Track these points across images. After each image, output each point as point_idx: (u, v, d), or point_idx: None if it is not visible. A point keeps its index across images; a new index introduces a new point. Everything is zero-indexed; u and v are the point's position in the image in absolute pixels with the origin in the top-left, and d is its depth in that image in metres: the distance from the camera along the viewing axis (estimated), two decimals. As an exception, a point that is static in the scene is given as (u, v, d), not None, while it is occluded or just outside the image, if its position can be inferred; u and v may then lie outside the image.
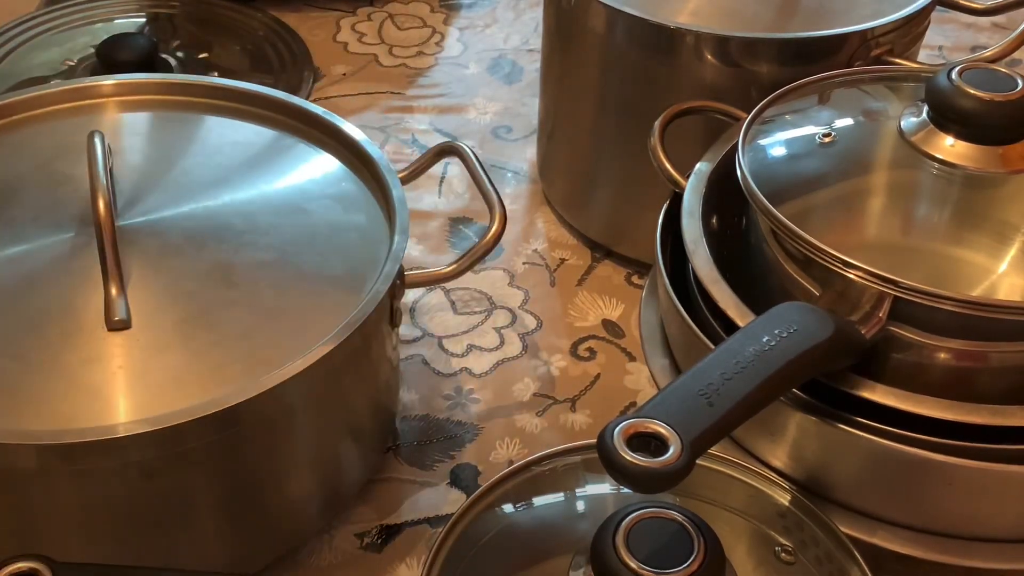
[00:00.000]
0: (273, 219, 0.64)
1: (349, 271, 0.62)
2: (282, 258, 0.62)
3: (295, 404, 0.57)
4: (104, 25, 1.06)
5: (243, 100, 0.72)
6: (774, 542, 0.53)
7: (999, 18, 1.11)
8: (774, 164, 0.61)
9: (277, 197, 0.66)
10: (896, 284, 0.52)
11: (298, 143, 0.70)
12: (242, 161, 0.69)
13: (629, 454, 0.43)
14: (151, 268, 0.60)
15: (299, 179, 0.68)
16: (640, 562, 0.44)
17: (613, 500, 0.54)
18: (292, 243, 0.63)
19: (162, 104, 0.72)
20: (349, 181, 0.68)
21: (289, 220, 0.64)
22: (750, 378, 0.48)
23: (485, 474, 0.69)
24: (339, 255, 0.63)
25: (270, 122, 0.71)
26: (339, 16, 1.11)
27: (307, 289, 0.61)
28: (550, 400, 0.74)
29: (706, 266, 0.59)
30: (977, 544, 0.55)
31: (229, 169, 0.68)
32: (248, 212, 0.64)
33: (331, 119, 0.70)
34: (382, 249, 0.62)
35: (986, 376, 0.55)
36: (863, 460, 0.54)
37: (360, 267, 0.62)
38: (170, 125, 0.72)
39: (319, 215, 0.65)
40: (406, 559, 0.64)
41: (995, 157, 0.57)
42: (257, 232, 0.63)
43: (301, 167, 0.69)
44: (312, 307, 0.59)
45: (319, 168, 0.69)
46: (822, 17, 0.74)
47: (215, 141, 0.71)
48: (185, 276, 0.60)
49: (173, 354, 0.56)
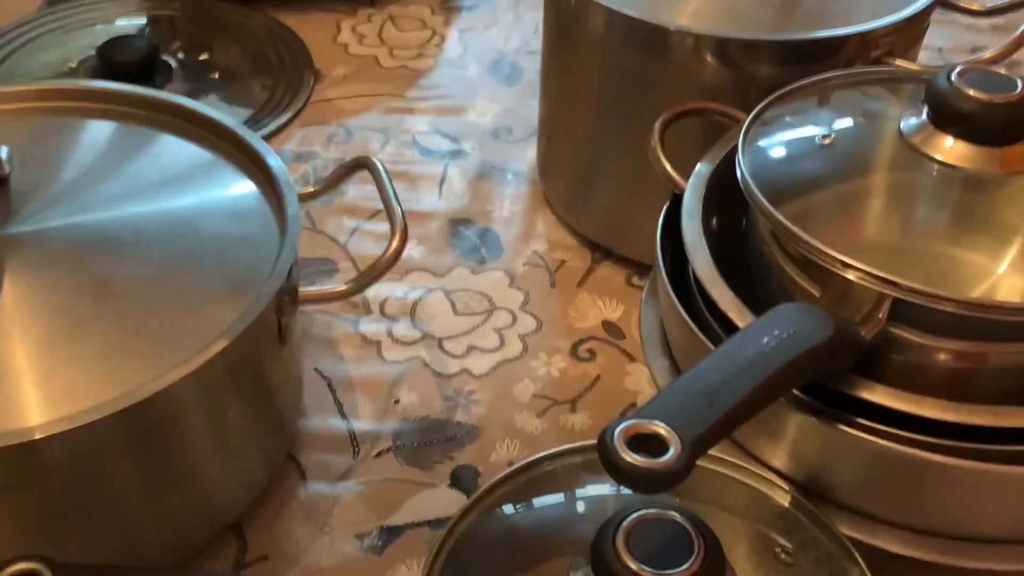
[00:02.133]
0: (162, 232, 0.63)
1: (233, 288, 0.60)
2: (163, 273, 0.60)
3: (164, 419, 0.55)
4: (105, 27, 1.07)
5: (149, 108, 0.71)
6: (774, 543, 0.53)
7: (999, 20, 1.11)
8: (774, 165, 0.61)
9: (172, 210, 0.64)
10: (895, 285, 0.52)
11: (200, 152, 0.68)
12: (143, 172, 0.67)
13: (629, 455, 0.43)
14: (27, 279, 0.58)
15: (198, 191, 0.66)
16: (640, 563, 0.44)
17: (613, 501, 0.54)
18: (178, 258, 0.61)
19: (67, 111, 0.71)
20: (250, 195, 0.66)
21: (179, 234, 0.63)
22: (750, 379, 0.48)
23: (485, 475, 0.69)
24: (226, 272, 0.61)
25: (176, 131, 0.70)
26: (339, 18, 1.11)
27: (185, 306, 0.59)
28: (550, 401, 0.74)
29: (706, 267, 0.59)
30: (977, 545, 0.54)
31: (124, 179, 0.66)
32: (139, 225, 0.63)
33: (237, 130, 0.68)
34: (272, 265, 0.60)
35: (986, 377, 0.55)
36: (863, 461, 0.54)
37: (246, 285, 0.59)
38: (64, 132, 0.70)
39: (212, 230, 0.63)
40: (406, 560, 0.64)
41: (995, 158, 0.57)
42: (143, 245, 0.62)
43: (199, 177, 0.67)
44: (187, 324, 0.58)
45: (219, 180, 0.67)
46: (822, 18, 0.74)
47: (112, 149, 0.69)
48: (60, 288, 0.58)
49: (29, 371, 0.55)
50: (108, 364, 0.55)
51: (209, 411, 0.58)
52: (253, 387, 0.62)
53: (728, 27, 0.71)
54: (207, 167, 0.68)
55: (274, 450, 0.67)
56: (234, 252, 0.62)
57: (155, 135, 0.70)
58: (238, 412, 0.61)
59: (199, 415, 0.58)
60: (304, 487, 0.68)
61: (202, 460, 0.60)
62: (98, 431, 0.52)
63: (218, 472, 0.62)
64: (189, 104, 0.70)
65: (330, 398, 0.74)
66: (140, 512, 0.58)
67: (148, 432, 0.55)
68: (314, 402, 0.73)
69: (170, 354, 0.55)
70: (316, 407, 0.73)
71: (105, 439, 0.53)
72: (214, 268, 0.61)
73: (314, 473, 0.69)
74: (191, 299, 0.60)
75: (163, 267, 0.61)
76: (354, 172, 0.69)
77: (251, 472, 0.65)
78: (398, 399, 0.74)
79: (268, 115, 0.97)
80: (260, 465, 0.66)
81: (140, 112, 0.71)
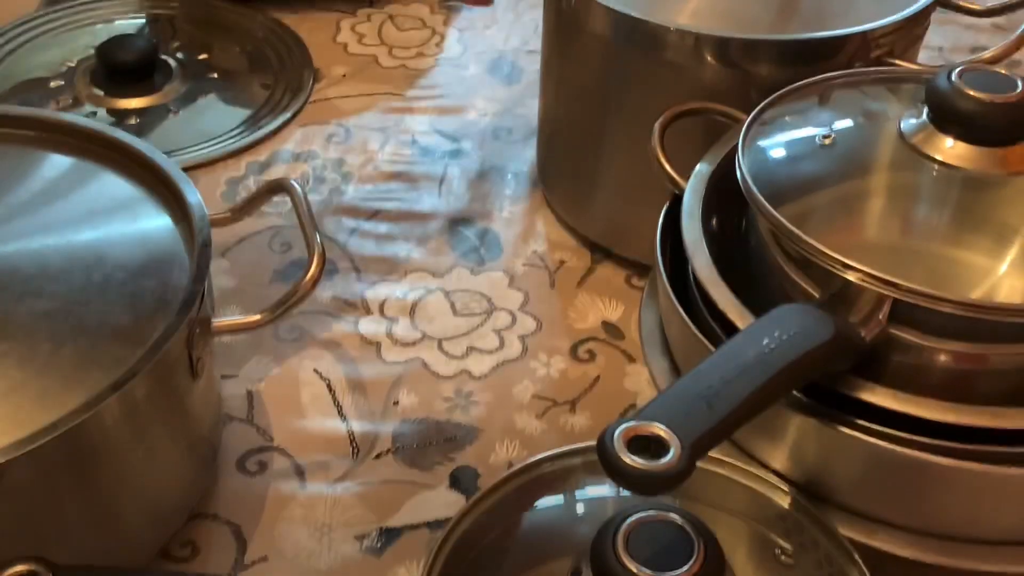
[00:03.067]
0: (66, 264, 0.60)
1: (139, 322, 0.58)
2: (66, 308, 0.58)
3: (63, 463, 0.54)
4: (104, 26, 1.07)
5: (57, 131, 0.69)
6: (774, 544, 0.53)
7: (999, 19, 1.11)
8: (774, 166, 0.60)
9: (77, 240, 0.62)
10: (896, 286, 0.52)
11: (119, 181, 0.66)
12: (46, 198, 0.65)
13: (629, 457, 0.43)
14: None
15: (108, 220, 0.64)
16: (640, 565, 0.44)
17: (613, 503, 0.54)
18: (81, 291, 0.59)
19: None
20: (164, 227, 0.64)
21: (83, 265, 0.60)
22: (750, 380, 0.47)
23: (485, 476, 0.69)
24: (132, 305, 0.59)
25: (85, 154, 0.68)
26: (339, 17, 1.11)
27: (89, 342, 0.57)
28: (550, 402, 0.74)
29: (706, 268, 0.59)
30: (977, 546, 0.54)
31: (42, 212, 0.64)
32: (41, 257, 0.61)
33: (151, 156, 0.66)
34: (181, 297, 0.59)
35: (986, 378, 0.55)
36: (863, 462, 0.54)
37: (155, 318, 0.58)
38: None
39: (117, 260, 0.61)
40: (405, 562, 0.64)
41: (995, 159, 0.57)
42: (45, 279, 0.59)
43: (114, 208, 0.65)
44: (90, 361, 0.56)
45: (127, 207, 0.65)
46: (821, 18, 0.74)
47: (34, 181, 0.66)
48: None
49: None
50: (10, 404, 0.54)
51: (117, 448, 0.57)
52: (164, 424, 0.60)
53: (728, 27, 0.71)
54: (126, 200, 0.65)
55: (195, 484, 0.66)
56: (142, 283, 0.60)
57: (81, 166, 0.67)
58: (149, 449, 0.59)
59: (106, 453, 0.56)
60: (303, 488, 0.68)
61: (114, 499, 0.58)
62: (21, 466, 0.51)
63: (133, 511, 0.60)
64: (113, 134, 0.68)
65: (329, 399, 0.74)
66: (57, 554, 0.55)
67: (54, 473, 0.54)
68: (313, 403, 0.73)
69: (75, 392, 0.54)
70: (315, 408, 0.73)
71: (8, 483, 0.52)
72: (119, 301, 0.59)
73: (313, 474, 0.69)
74: (96, 335, 0.58)
75: (66, 302, 0.59)
76: (273, 195, 0.68)
77: (170, 508, 0.64)
78: (397, 400, 0.74)
79: (267, 115, 0.97)
80: (180, 500, 0.64)
81: (68, 141, 0.68)
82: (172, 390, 0.59)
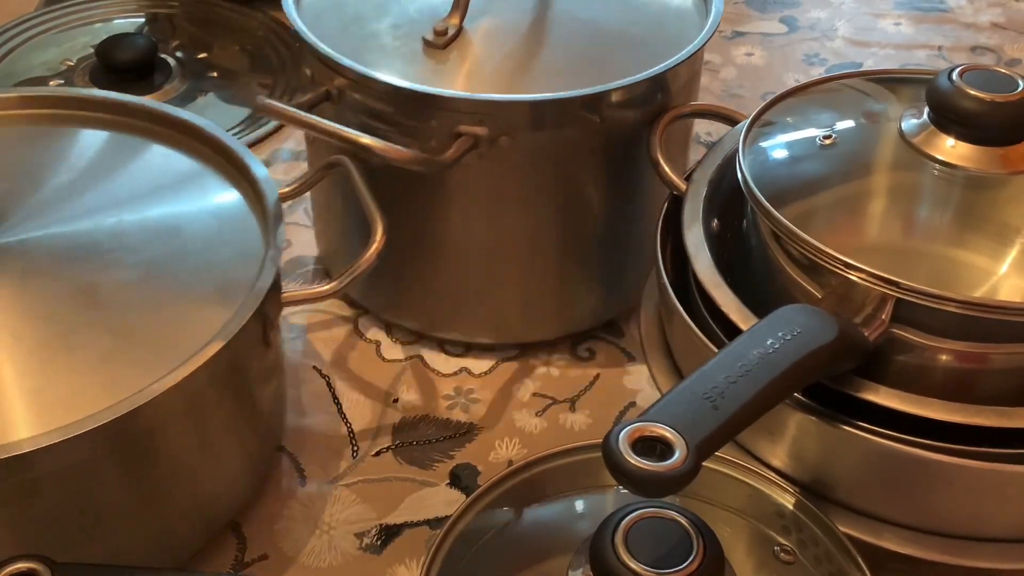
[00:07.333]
0: (144, 237, 0.63)
1: (220, 289, 0.60)
2: (150, 277, 0.60)
3: (155, 426, 0.55)
4: (103, 25, 1.07)
5: (137, 116, 0.71)
6: (773, 542, 0.53)
7: (999, 18, 1.12)
8: (775, 167, 0.61)
9: (151, 214, 0.64)
10: (898, 286, 0.52)
11: (176, 155, 0.69)
12: (115, 177, 0.67)
13: (635, 458, 0.43)
14: (12, 291, 0.58)
15: (174, 193, 0.66)
16: (639, 562, 0.44)
17: (612, 500, 0.55)
18: (162, 261, 0.61)
19: (33, 119, 0.71)
20: (230, 197, 0.66)
21: (161, 237, 0.63)
22: (755, 381, 0.47)
23: (485, 474, 0.69)
24: (211, 273, 0.61)
25: (146, 134, 0.70)
26: (339, 16, 1.11)
27: (174, 309, 0.59)
28: (549, 400, 0.74)
29: (708, 270, 0.59)
30: (978, 544, 0.55)
31: (101, 185, 0.66)
32: (119, 230, 0.63)
33: (213, 132, 0.68)
34: (257, 267, 0.60)
35: (989, 378, 0.55)
36: (863, 460, 0.54)
37: (232, 285, 0.60)
38: (41, 141, 0.70)
39: (194, 232, 0.64)
40: (405, 560, 0.64)
41: (996, 158, 0.57)
42: (126, 250, 0.62)
43: (177, 181, 0.67)
44: (178, 327, 0.58)
45: (196, 182, 0.67)
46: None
47: (88, 156, 0.69)
48: (47, 298, 0.58)
49: (29, 379, 0.55)
50: (104, 370, 0.56)
51: (197, 416, 0.58)
52: (240, 390, 0.61)
53: None
54: (192, 175, 0.67)
55: (263, 449, 0.67)
56: (218, 253, 0.62)
57: (142, 144, 0.70)
58: (226, 415, 0.61)
59: (188, 420, 0.57)
60: (303, 486, 0.68)
61: (192, 464, 0.60)
62: (89, 442, 0.52)
63: (208, 475, 0.61)
64: (176, 113, 0.70)
65: (329, 397, 0.74)
66: (134, 519, 0.58)
67: (139, 440, 0.55)
68: (313, 401, 0.73)
69: (164, 358, 0.55)
70: (315, 406, 0.73)
71: (97, 449, 0.53)
72: (199, 270, 0.61)
73: (313, 472, 0.69)
74: (180, 301, 0.60)
75: (147, 272, 0.61)
76: (330, 171, 0.69)
77: (241, 473, 0.65)
78: (397, 398, 0.74)
79: (267, 114, 0.97)
80: (249, 465, 0.66)
81: (128, 120, 0.70)
82: (248, 357, 0.61)
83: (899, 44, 1.09)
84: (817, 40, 1.10)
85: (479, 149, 0.65)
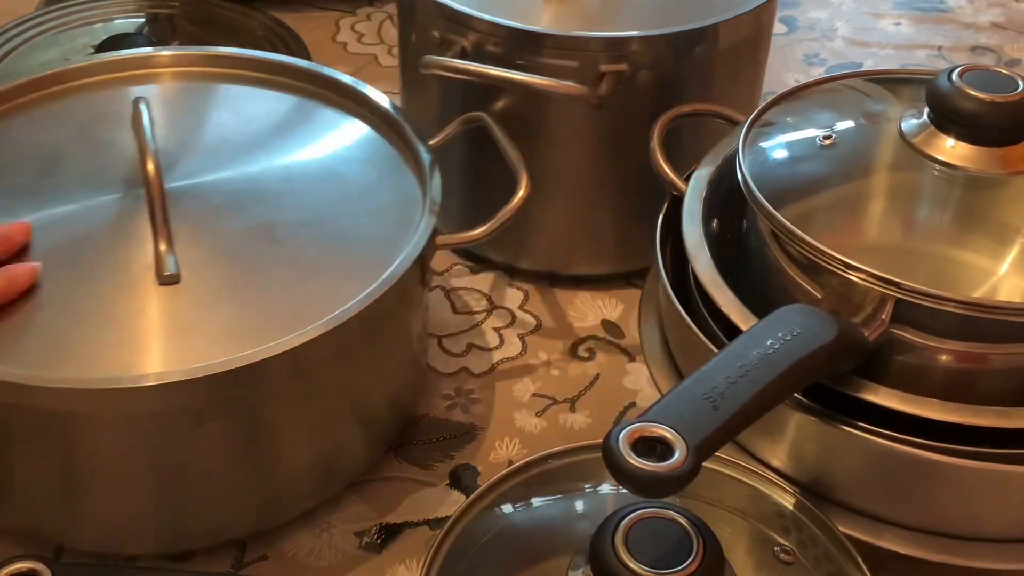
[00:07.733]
0: (308, 182, 0.67)
1: (384, 231, 0.64)
2: (320, 218, 0.64)
3: (332, 357, 0.59)
4: (103, 25, 1.06)
5: (272, 71, 0.75)
6: (773, 542, 0.53)
7: (999, 18, 1.12)
8: (775, 167, 0.61)
9: (311, 161, 0.69)
10: (898, 286, 0.52)
11: (328, 111, 0.73)
12: (275, 128, 0.71)
13: (635, 459, 0.43)
14: (195, 228, 0.62)
15: (331, 144, 0.70)
16: (639, 562, 0.44)
17: (612, 500, 0.55)
18: (328, 204, 0.65)
19: (191, 75, 0.75)
20: (380, 147, 0.70)
21: (324, 183, 0.67)
22: (755, 381, 0.47)
23: (485, 474, 0.69)
24: (374, 216, 0.65)
25: (300, 91, 0.74)
26: (339, 16, 1.11)
27: (346, 247, 0.63)
28: (549, 400, 0.74)
29: (708, 271, 0.59)
30: (978, 544, 0.55)
31: (263, 136, 0.70)
32: (284, 176, 0.67)
33: (360, 88, 0.73)
34: (414, 211, 0.64)
35: (988, 378, 0.55)
36: (863, 460, 0.54)
37: (394, 227, 0.64)
38: (202, 95, 0.74)
39: (353, 178, 0.68)
40: (405, 559, 0.64)
41: (996, 158, 0.57)
42: (294, 194, 0.66)
43: (332, 133, 0.71)
44: (351, 264, 0.62)
45: (350, 134, 0.71)
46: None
47: (248, 110, 0.73)
48: (229, 235, 0.62)
49: (222, 308, 0.59)
50: (294, 298, 0.59)
51: (371, 342, 0.61)
52: (400, 327, 0.65)
53: None
54: (350, 131, 0.72)
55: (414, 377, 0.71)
56: (377, 197, 0.67)
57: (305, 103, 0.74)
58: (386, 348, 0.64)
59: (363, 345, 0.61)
60: (303, 486, 0.68)
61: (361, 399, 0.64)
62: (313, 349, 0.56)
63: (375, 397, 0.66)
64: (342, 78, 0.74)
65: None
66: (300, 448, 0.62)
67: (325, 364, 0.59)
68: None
69: (344, 290, 0.59)
70: (315, 406, 0.73)
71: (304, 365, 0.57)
72: (362, 213, 0.66)
73: (313, 472, 0.69)
74: (350, 241, 0.64)
75: (318, 213, 0.65)
76: (469, 125, 0.72)
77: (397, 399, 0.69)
78: (397, 398, 0.74)
79: (267, 113, 0.97)
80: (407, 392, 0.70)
81: (290, 82, 0.75)
82: (412, 294, 0.64)
83: (899, 44, 1.09)
84: (817, 40, 1.10)
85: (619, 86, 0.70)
